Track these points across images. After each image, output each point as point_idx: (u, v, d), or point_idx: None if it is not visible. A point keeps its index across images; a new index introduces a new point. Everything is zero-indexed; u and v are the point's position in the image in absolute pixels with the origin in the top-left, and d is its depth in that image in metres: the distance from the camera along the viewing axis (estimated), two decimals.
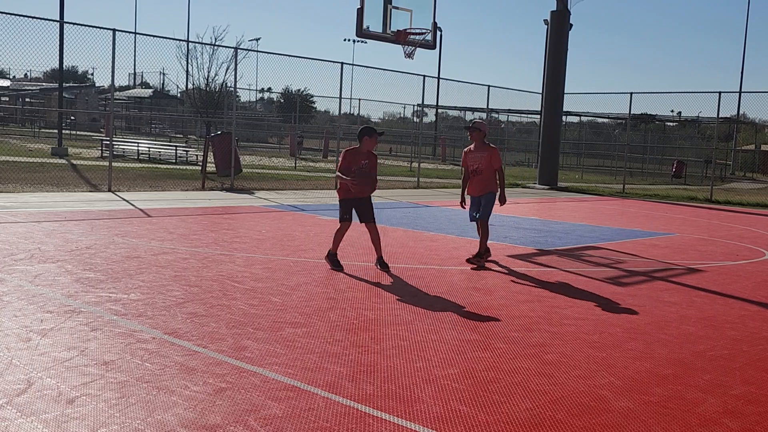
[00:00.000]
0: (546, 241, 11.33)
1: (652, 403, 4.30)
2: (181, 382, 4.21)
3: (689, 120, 50.30)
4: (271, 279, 7.24)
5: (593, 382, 4.61)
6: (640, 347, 5.51)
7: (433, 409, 3.99)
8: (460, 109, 48.76)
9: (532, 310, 6.55)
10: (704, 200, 23.34)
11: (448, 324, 5.87)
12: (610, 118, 48.17)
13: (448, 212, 15.27)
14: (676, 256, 10.41)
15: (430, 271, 8.22)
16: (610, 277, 8.49)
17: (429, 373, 4.61)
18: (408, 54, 15.21)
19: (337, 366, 4.65)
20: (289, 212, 13.53)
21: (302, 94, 61.71)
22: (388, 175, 28.31)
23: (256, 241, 9.61)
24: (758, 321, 6.63)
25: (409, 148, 42.14)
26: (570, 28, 26.55)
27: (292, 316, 5.83)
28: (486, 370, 4.73)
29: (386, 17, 14.63)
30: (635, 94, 25.78)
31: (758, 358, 5.38)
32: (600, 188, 27.44)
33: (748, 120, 55.77)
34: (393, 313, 6.12)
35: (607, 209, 18.47)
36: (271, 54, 20.00)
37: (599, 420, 3.98)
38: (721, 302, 7.40)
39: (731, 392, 4.57)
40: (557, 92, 26.77)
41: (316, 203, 15.63)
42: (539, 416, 3.99)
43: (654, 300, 7.26)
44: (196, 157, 27.48)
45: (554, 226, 13.84)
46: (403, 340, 5.33)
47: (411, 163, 35.36)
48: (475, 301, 6.75)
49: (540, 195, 22.96)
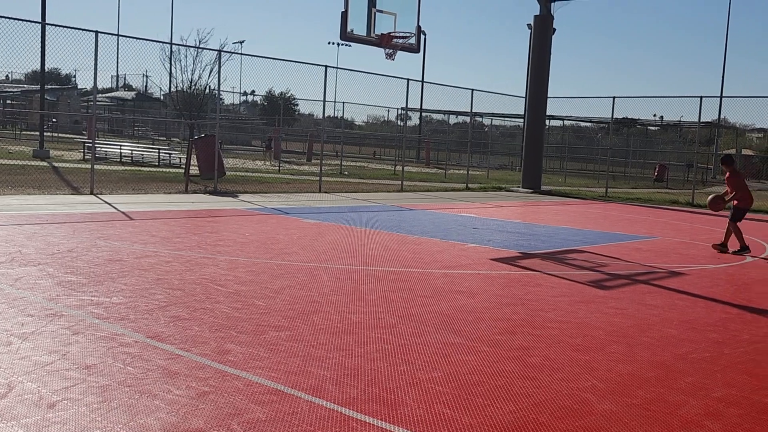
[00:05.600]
0: (529, 245, 11.37)
1: (634, 405, 4.33)
2: (164, 386, 4.18)
3: (671, 124, 50.74)
4: (255, 282, 7.21)
5: (576, 385, 4.63)
6: (622, 350, 5.54)
7: (416, 413, 3.99)
8: (444, 113, 48.89)
9: (515, 313, 6.57)
10: (686, 204, 23.53)
11: (431, 327, 5.88)
12: (592, 122, 48.51)
13: (432, 215, 15.29)
14: (658, 259, 10.48)
15: (413, 274, 8.22)
16: (593, 280, 8.53)
17: (413, 376, 4.61)
18: (388, 54, 15.21)
19: (321, 369, 4.63)
20: (272, 215, 13.50)
21: (286, 97, 61.61)
22: (372, 178, 28.31)
23: (240, 244, 9.57)
24: (739, 324, 6.69)
25: (393, 151, 42.21)
26: (553, 33, 26.70)
27: (275, 320, 5.82)
28: (470, 373, 4.73)
29: (370, 20, 14.63)
30: (618, 98, 25.95)
31: (739, 361, 5.43)
32: (583, 192, 27.59)
33: (729, 124, 56.30)
34: (377, 317, 6.11)
35: (590, 213, 18.58)
36: (255, 57, 20.00)
37: (582, 423, 4.00)
38: (703, 305, 7.46)
39: (713, 394, 4.61)
40: (541, 96, 26.90)
41: (300, 206, 15.61)
42: (522, 419, 4.00)
43: (636, 303, 7.31)
44: (179, 159, 27.34)
45: (537, 229, 13.90)
46: (386, 343, 5.33)
47: (395, 167, 35.41)
48: (458, 304, 6.76)
49: (523, 198, 23.05)
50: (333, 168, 32.34)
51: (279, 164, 31.43)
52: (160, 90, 52.82)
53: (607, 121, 33.41)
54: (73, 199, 14.15)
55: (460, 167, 41.47)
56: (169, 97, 32.54)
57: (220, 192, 17.61)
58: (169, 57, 21.59)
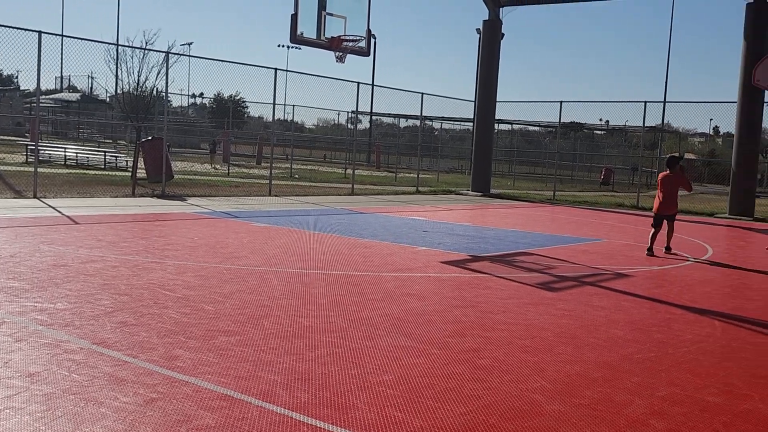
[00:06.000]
0: (479, 248, 11.48)
1: (582, 405, 4.40)
2: (110, 393, 4.10)
3: (617, 128, 51.84)
4: (204, 287, 7.12)
5: (525, 386, 4.68)
6: (570, 351, 5.63)
7: (367, 416, 3.99)
8: (394, 116, 49.02)
9: (465, 315, 6.62)
10: (631, 207, 24.06)
11: (382, 331, 5.89)
12: (540, 126, 49.24)
13: (382, 219, 15.32)
14: (604, 261, 10.69)
15: (365, 277, 8.22)
16: (542, 282, 8.65)
17: (364, 380, 4.61)
18: (338, 57, 15.20)
19: (271, 374, 4.60)
20: (221, 219, 13.35)
21: (235, 100, 61.02)
22: (323, 181, 28.24)
23: (188, 249, 9.44)
24: (683, 324, 6.86)
25: (344, 154, 42.16)
26: (502, 37, 27.04)
27: (225, 325, 5.75)
28: (420, 376, 4.75)
29: (320, 24, 14.60)
30: (565, 103, 26.40)
31: (683, 360, 5.57)
32: (531, 195, 27.98)
33: (672, 129, 57.82)
34: (328, 320, 6.09)
35: (538, 216, 18.85)
36: (204, 59, 19.77)
37: (531, 423, 4.05)
38: (648, 306, 7.63)
39: (657, 394, 4.72)
40: (490, 100, 27.21)
41: (250, 210, 15.47)
42: (473, 421, 4.03)
43: (583, 304, 7.44)
44: (126, 162, 26.86)
45: (487, 232, 14.04)
46: (337, 347, 5.32)
47: (346, 170, 35.38)
48: (409, 308, 6.79)
49: (473, 202, 23.27)
50: (283, 171, 32.15)
51: (228, 167, 31.12)
52: (106, 92, 51.69)
53: (554, 125, 33.95)
54: (15, 203, 13.77)
55: (411, 170, 41.67)
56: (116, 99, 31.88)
57: (168, 195, 17.34)
58: (114, 58, 21.20)
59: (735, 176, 22.20)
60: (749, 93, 21.18)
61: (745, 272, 10.60)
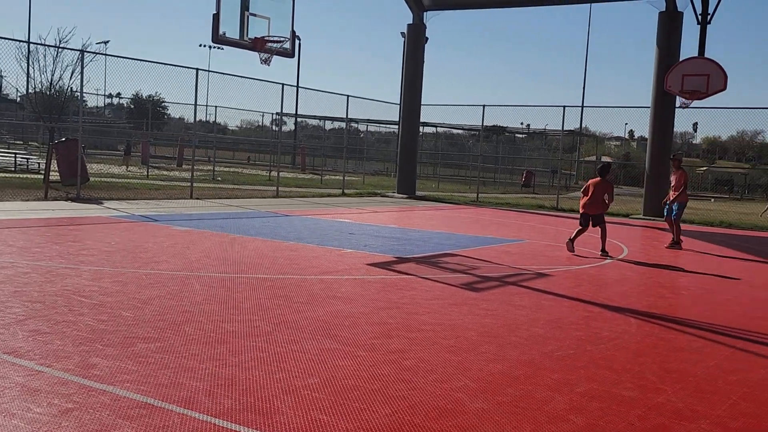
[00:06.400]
0: (404, 249, 11.54)
1: (504, 403, 4.47)
2: (23, 404, 3.92)
3: (537, 132, 53.12)
4: (122, 293, 6.92)
5: (450, 386, 4.73)
6: (493, 350, 5.71)
7: (293, 420, 3.95)
8: (319, 118, 48.90)
9: (391, 317, 6.64)
10: (551, 208, 24.66)
11: (308, 334, 5.84)
12: (464, 129, 49.98)
13: (308, 221, 15.23)
14: (526, 261, 10.91)
15: (289, 280, 8.15)
16: (466, 283, 8.76)
17: (289, 384, 4.56)
18: (264, 60, 15.06)
19: (193, 381, 4.50)
20: (140, 223, 13.01)
21: (154, 100, 59.57)
22: (247, 184, 27.88)
23: (105, 254, 9.16)
24: (600, 321, 7.07)
25: (268, 156, 41.74)
26: (426, 41, 27.31)
27: (144, 331, 5.60)
28: (346, 378, 4.74)
29: (243, 24, 14.41)
30: (488, 107, 26.86)
31: (600, 357, 5.73)
32: (455, 197, 28.35)
33: (590, 133, 59.60)
34: (252, 325, 6.01)
35: (462, 217, 19.10)
36: (121, 58, 19.24)
37: (455, 422, 4.09)
38: (567, 305, 7.82)
39: (576, 389, 4.83)
40: (414, 103, 27.43)
41: (170, 213, 15.13)
42: (398, 421, 4.04)
43: (506, 304, 7.57)
44: (38, 165, 25.89)
45: (412, 234, 14.14)
46: (262, 351, 5.25)
47: (270, 172, 35.04)
48: (335, 310, 6.76)
49: (399, 204, 23.40)
50: (205, 173, 31.60)
51: (147, 170, 30.38)
52: (16, 91, 49.69)
53: (477, 128, 34.51)
54: None
55: (336, 173, 41.61)
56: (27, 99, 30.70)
57: (83, 199, 16.79)
58: (26, 56, 20.40)
59: (649, 179, 23.05)
60: (662, 98, 22.03)
61: (658, 270, 11.01)
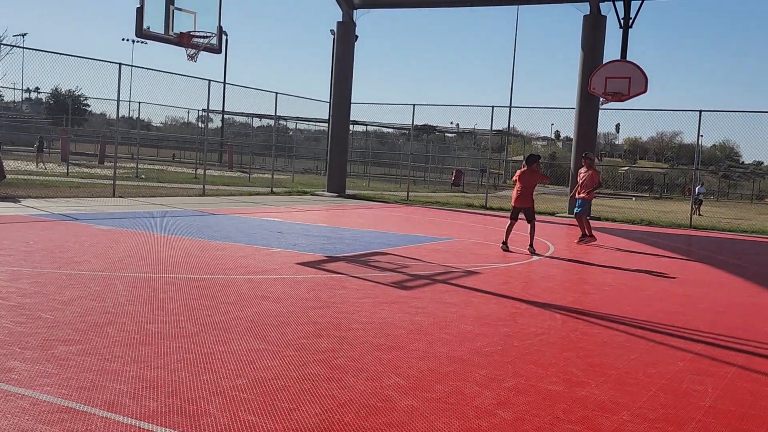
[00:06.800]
0: (335, 248, 11.51)
1: (434, 399, 4.50)
2: None
3: (466, 131, 53.82)
4: (41, 294, 6.67)
5: (380, 383, 4.73)
6: (423, 347, 5.75)
7: (220, 422, 3.88)
8: (247, 116, 48.26)
9: (321, 316, 6.60)
10: (480, 207, 25.02)
11: (236, 334, 5.75)
12: (395, 128, 50.18)
13: (236, 220, 15.02)
14: (455, 259, 11.03)
15: (217, 280, 8.02)
16: (396, 281, 8.79)
17: (217, 385, 4.48)
18: (191, 56, 14.78)
19: (117, 383, 4.37)
20: (61, 222, 12.58)
21: (74, 95, 57.63)
22: (172, 182, 27.33)
23: (23, 254, 8.82)
24: (527, 318, 7.20)
25: (194, 154, 40.99)
26: (356, 39, 27.29)
27: (65, 333, 5.40)
28: (275, 379, 4.68)
29: (169, 18, 14.10)
30: (418, 106, 27.06)
31: (527, 352, 5.83)
32: (386, 196, 28.45)
33: (517, 133, 60.82)
34: (178, 326, 5.88)
35: (393, 216, 19.18)
36: (40, 51, 18.55)
37: (385, 419, 4.09)
38: (495, 301, 7.94)
39: (504, 384, 4.91)
40: (344, 101, 27.39)
41: (92, 212, 14.69)
42: (328, 420, 4.01)
43: (435, 302, 7.62)
44: None
45: (342, 233, 14.11)
46: (188, 352, 5.14)
47: (196, 170, 34.40)
48: (264, 310, 6.68)
49: (329, 202, 23.33)
50: (128, 171, 30.83)
51: (68, 167, 29.43)
52: None
53: (408, 127, 34.71)
54: None
55: (265, 171, 41.19)
56: None
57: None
58: None
59: (574, 178, 23.59)
60: (586, 100, 22.61)
61: (582, 267, 11.30)
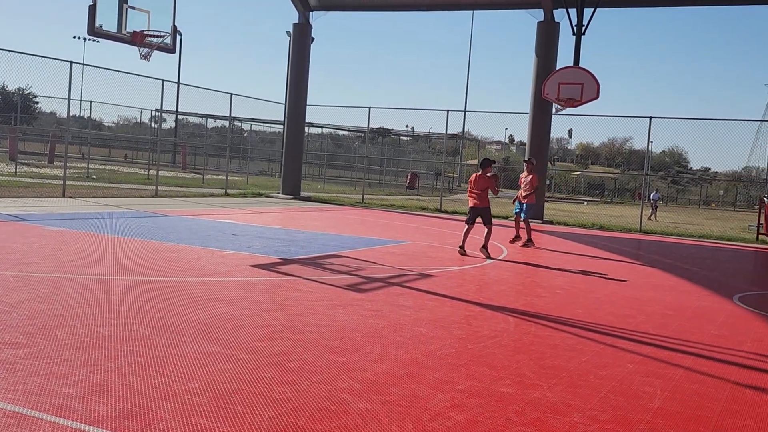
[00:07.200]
0: (289, 250, 11.46)
1: (388, 402, 4.51)
2: None
3: (422, 135, 54.07)
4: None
5: (334, 387, 4.73)
6: (377, 350, 5.76)
7: (172, 426, 3.83)
8: (201, 116, 47.72)
9: (275, 319, 6.57)
10: (435, 210, 25.16)
11: (188, 337, 5.69)
12: (350, 130, 50.17)
13: (189, 222, 14.84)
14: (410, 262, 11.07)
15: (169, 283, 7.91)
16: (351, 284, 8.80)
17: (168, 389, 4.43)
18: (144, 55, 14.58)
19: (66, 388, 4.28)
20: (7, 222, 12.28)
21: (24, 93, 56.27)
22: (124, 182, 26.89)
23: None
24: (481, 320, 7.27)
25: (147, 154, 40.39)
26: (312, 41, 27.23)
27: (12, 336, 5.28)
28: (228, 382, 4.64)
29: (122, 17, 13.88)
30: (373, 109, 27.08)
31: (480, 355, 5.89)
32: (341, 198, 28.41)
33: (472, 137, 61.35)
34: (129, 329, 5.79)
35: (348, 218, 19.17)
36: None
37: (339, 423, 4.09)
38: (450, 304, 8.00)
39: (457, 387, 4.95)
40: (300, 103, 27.29)
41: (41, 212, 14.37)
42: (281, 424, 4.00)
43: (390, 305, 7.65)
44: None
45: (297, 235, 14.05)
46: (140, 356, 5.06)
47: (149, 171, 33.89)
48: (217, 313, 6.62)
49: (283, 204, 23.21)
50: (79, 171, 30.22)
51: (16, 166, 28.73)
52: None
53: (363, 130, 34.75)
54: None
55: (219, 172, 40.76)
56: None
57: None
58: None
59: None
60: (540, 105, 22.93)
61: (535, 270, 11.45)
